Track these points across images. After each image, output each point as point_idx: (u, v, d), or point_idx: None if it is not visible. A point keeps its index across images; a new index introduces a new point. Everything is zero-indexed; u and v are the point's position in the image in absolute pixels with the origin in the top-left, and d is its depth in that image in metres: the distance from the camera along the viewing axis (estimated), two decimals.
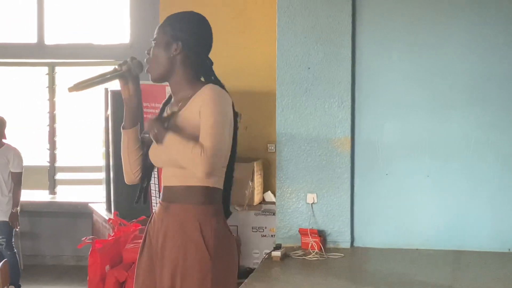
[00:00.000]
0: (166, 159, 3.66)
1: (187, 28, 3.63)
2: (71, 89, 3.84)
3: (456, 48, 8.39)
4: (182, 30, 3.61)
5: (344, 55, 8.43)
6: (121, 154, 3.90)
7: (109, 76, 3.79)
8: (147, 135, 3.68)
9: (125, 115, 3.85)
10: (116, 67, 3.77)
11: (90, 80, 3.80)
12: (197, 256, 3.39)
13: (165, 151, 3.61)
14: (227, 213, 3.64)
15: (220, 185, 3.59)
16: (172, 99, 3.83)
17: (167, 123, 3.63)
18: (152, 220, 3.76)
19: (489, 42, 8.33)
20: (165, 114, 3.80)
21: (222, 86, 3.63)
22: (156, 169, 7.11)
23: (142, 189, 3.85)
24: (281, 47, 8.52)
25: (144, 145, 3.82)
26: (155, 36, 3.69)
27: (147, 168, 3.82)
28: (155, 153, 3.74)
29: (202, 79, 3.78)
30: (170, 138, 3.53)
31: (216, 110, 3.47)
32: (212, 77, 3.67)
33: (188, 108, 3.60)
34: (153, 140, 3.64)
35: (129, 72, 3.75)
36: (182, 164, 3.51)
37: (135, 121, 3.81)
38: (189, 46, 3.61)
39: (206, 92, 3.54)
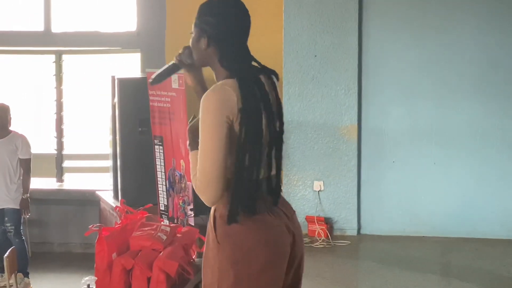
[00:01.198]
0: None
1: (212, 20, 3.39)
2: (152, 83, 3.79)
3: (463, 37, 8.38)
4: (208, 23, 3.39)
5: (351, 43, 8.43)
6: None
7: (170, 67, 3.70)
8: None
9: (198, 98, 3.43)
10: (174, 59, 3.64)
11: (160, 73, 3.73)
12: (210, 244, 3.37)
13: None
14: (251, 208, 3.31)
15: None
16: None
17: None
18: None
19: (497, 31, 8.32)
20: None
21: (242, 80, 3.33)
22: (162, 157, 7.13)
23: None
24: (287, 35, 8.52)
25: None
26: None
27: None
28: None
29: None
30: (192, 155, 3.41)
31: (201, 128, 3.28)
32: (231, 68, 3.39)
33: None
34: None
35: (181, 62, 3.58)
36: None
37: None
38: (215, 39, 3.40)
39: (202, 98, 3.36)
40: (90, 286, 5.58)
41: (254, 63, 3.49)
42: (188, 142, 3.45)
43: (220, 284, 3.31)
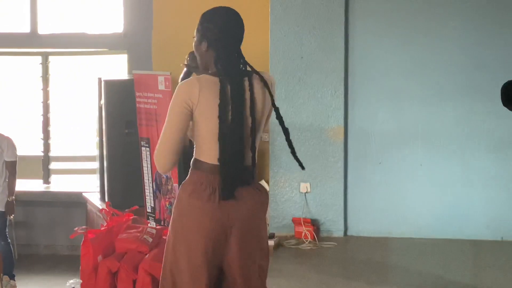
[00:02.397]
0: None
1: (213, 26, 3.94)
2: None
3: (448, 38, 8.40)
4: (208, 29, 3.94)
5: (337, 44, 8.44)
6: None
7: (186, 73, 4.44)
8: None
9: None
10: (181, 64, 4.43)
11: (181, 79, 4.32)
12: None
13: None
14: (227, 189, 3.96)
15: (199, 156, 4.01)
16: None
17: None
18: None
19: (482, 33, 8.35)
20: None
21: (223, 74, 3.90)
22: (149, 159, 7.12)
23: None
24: (274, 37, 8.52)
25: None
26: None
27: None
28: None
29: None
30: None
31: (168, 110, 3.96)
32: (219, 68, 3.94)
33: None
34: None
35: (189, 66, 4.36)
36: None
37: None
38: (214, 43, 3.94)
39: None
40: None
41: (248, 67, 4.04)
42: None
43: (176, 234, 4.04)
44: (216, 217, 3.94)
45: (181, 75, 4.44)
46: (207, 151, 3.95)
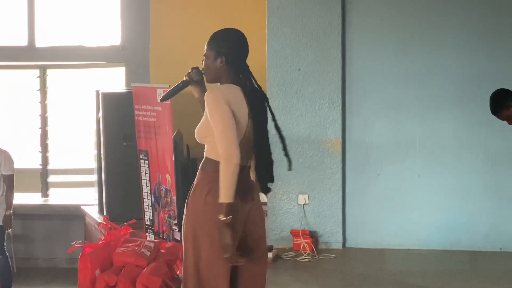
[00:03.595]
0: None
1: (228, 44, 4.51)
2: (161, 100, 5.06)
3: (446, 49, 8.41)
4: (224, 47, 4.49)
5: (335, 56, 8.44)
6: None
7: (180, 85, 4.72)
8: None
9: (201, 109, 4.60)
10: (184, 77, 4.68)
11: (171, 91, 4.76)
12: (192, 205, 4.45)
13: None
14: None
15: (210, 155, 4.43)
16: None
17: None
18: None
19: (479, 42, 8.36)
20: None
21: (243, 85, 4.48)
22: (148, 171, 7.12)
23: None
24: (271, 49, 8.53)
25: None
26: (205, 50, 4.57)
27: None
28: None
29: None
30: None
31: (212, 114, 4.35)
32: (243, 78, 4.55)
33: None
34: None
35: (191, 79, 4.64)
36: None
37: None
38: (229, 58, 4.49)
39: (206, 94, 4.43)
40: None
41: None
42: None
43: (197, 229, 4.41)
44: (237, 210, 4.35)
45: (171, 89, 4.75)
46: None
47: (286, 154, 4.83)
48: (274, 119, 4.72)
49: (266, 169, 4.62)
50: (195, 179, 4.50)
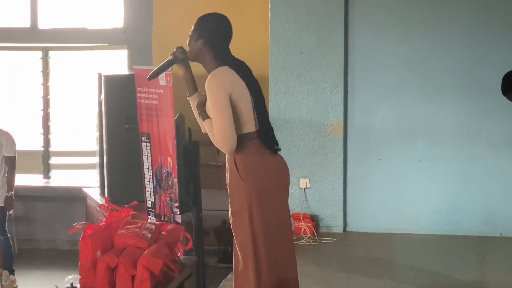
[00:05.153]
0: None
1: (210, 27, 4.83)
2: (149, 78, 5.09)
3: (449, 34, 8.40)
4: (206, 29, 4.82)
5: (337, 39, 8.44)
6: (194, 114, 5.00)
7: (166, 64, 4.95)
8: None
9: (187, 87, 4.97)
10: (170, 56, 4.92)
11: (157, 69, 5.01)
12: (234, 183, 4.74)
13: None
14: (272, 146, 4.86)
15: (245, 130, 4.75)
16: None
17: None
18: None
19: (483, 28, 8.34)
20: None
21: (231, 64, 4.79)
22: (150, 154, 7.13)
23: None
24: (273, 32, 8.52)
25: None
26: (191, 31, 4.88)
27: None
28: None
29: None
30: (206, 123, 4.78)
31: (209, 96, 4.70)
32: (225, 59, 4.82)
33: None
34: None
35: (176, 58, 4.89)
36: None
37: (194, 89, 4.96)
38: (211, 41, 4.82)
39: (207, 80, 4.73)
40: (74, 285, 5.58)
41: None
42: (199, 114, 4.83)
43: (250, 201, 4.68)
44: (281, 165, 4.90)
45: (158, 67, 4.98)
46: (248, 123, 4.75)
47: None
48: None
49: (270, 134, 4.89)
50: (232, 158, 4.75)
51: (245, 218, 4.70)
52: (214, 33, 4.85)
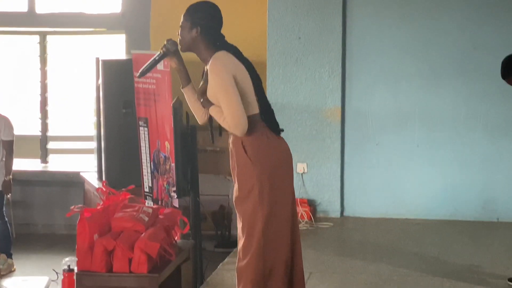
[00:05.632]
0: None
1: (203, 15, 4.81)
2: (139, 76, 5.18)
3: (447, 19, 8.40)
4: (200, 18, 4.80)
5: (335, 24, 8.43)
6: (189, 105, 5.05)
7: (157, 58, 4.94)
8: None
9: (180, 78, 4.97)
10: (160, 50, 4.92)
11: (148, 65, 4.97)
12: (242, 165, 4.75)
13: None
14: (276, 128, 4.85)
15: (251, 111, 4.72)
16: None
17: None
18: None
19: (480, 13, 8.34)
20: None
21: (227, 49, 4.78)
22: (147, 139, 7.14)
23: (211, 128, 5.02)
24: (271, 17, 8.52)
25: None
26: (181, 21, 4.87)
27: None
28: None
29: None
30: (211, 110, 4.77)
31: (214, 80, 4.68)
32: (220, 45, 4.80)
33: (206, 77, 4.82)
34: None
35: (168, 50, 4.89)
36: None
37: (187, 81, 4.95)
38: (205, 29, 4.80)
39: (209, 66, 4.74)
40: (71, 267, 5.58)
41: None
42: (201, 102, 4.83)
43: (260, 183, 4.70)
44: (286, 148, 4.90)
45: (148, 64, 4.96)
46: (252, 104, 4.76)
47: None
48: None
49: (272, 116, 4.89)
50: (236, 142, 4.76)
51: (256, 201, 4.72)
52: (207, 21, 4.84)
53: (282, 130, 4.94)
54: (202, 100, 4.83)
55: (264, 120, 4.81)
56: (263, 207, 4.72)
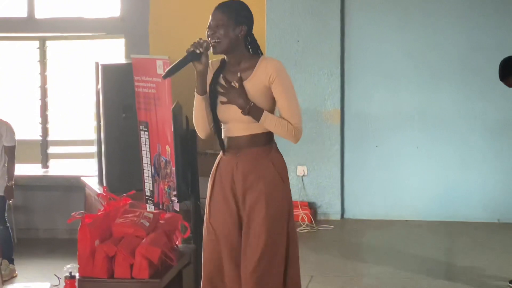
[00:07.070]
0: (236, 116, 4.53)
1: (248, 14, 4.50)
2: (164, 77, 4.57)
3: (445, 20, 8.42)
4: (246, 17, 4.48)
5: (334, 27, 8.45)
6: (195, 113, 4.67)
7: (189, 58, 4.44)
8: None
9: (199, 83, 4.53)
10: (190, 49, 4.43)
11: (176, 65, 4.46)
12: (274, 181, 4.53)
13: (237, 112, 4.50)
14: None
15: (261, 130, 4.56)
16: (226, 68, 4.60)
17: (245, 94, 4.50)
18: (220, 166, 4.85)
19: (478, 14, 8.36)
20: (222, 81, 4.57)
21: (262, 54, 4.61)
22: (148, 143, 7.15)
23: (220, 138, 4.71)
24: (270, 20, 8.53)
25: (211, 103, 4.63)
26: (218, 20, 4.42)
27: (217, 122, 4.70)
28: (225, 111, 4.58)
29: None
30: (266, 117, 4.51)
31: (287, 79, 4.57)
32: (259, 51, 4.61)
33: (254, 77, 4.51)
34: (240, 108, 4.50)
35: (206, 50, 4.41)
36: (277, 135, 4.64)
37: (205, 89, 4.55)
38: (249, 28, 4.51)
39: (273, 66, 4.53)
40: (72, 274, 5.59)
41: None
42: (246, 109, 4.45)
43: (289, 207, 4.54)
44: None
45: (179, 61, 4.44)
46: None
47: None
48: None
49: None
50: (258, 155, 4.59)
51: (284, 224, 4.53)
52: (251, 21, 4.55)
53: None
54: (247, 106, 4.45)
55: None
56: (288, 229, 4.56)
